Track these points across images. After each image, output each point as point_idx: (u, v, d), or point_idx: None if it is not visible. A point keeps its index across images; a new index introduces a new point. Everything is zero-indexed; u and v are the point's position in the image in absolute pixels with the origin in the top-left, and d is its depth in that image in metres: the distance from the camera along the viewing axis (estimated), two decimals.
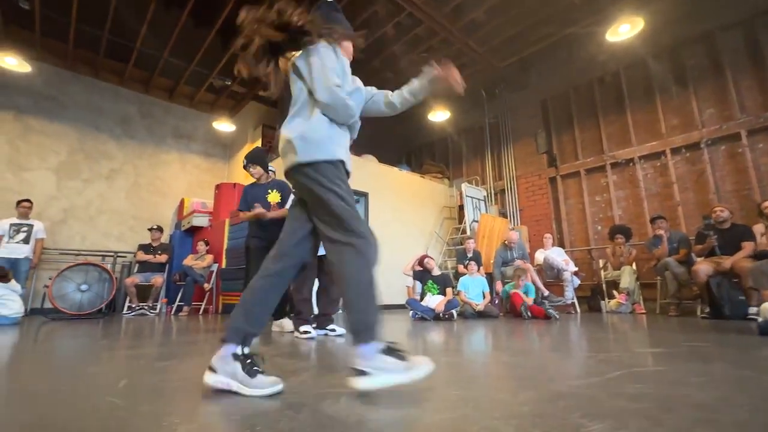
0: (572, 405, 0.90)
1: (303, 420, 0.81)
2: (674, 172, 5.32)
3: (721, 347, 1.83)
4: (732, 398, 0.93)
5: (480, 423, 0.79)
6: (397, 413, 0.88)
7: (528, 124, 6.99)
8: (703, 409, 0.85)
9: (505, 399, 0.97)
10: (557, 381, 1.17)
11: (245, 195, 2.99)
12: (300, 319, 2.47)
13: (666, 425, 0.75)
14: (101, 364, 1.58)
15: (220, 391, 1.03)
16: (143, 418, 0.85)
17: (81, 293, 4.65)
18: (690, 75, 5.33)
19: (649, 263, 5.01)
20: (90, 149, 6.60)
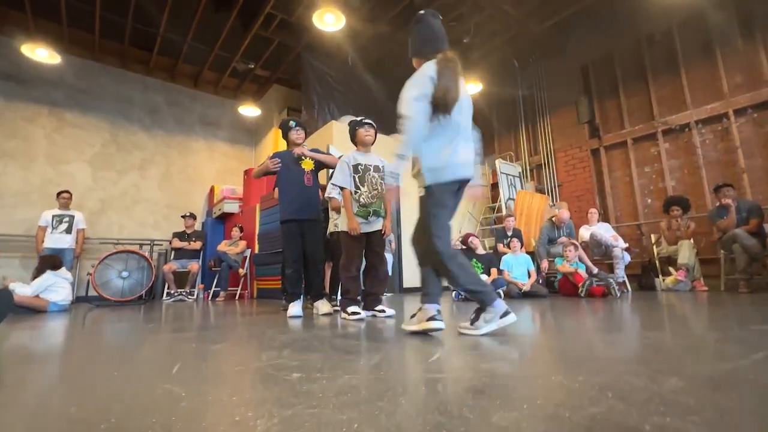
0: (742, 393, 0.69)
1: (401, 413, 0.64)
2: (738, 135, 4.81)
3: None
4: None
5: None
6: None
7: (566, 93, 6.51)
8: None
9: (646, 386, 0.76)
10: (700, 364, 0.96)
11: (274, 158, 2.80)
12: (348, 298, 2.33)
13: None
14: (151, 348, 1.48)
15: (289, 379, 0.88)
16: (210, 408, 0.70)
17: (122, 280, 4.73)
18: (758, 23, 4.74)
19: (709, 237, 4.60)
20: (122, 140, 6.68)
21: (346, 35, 6.02)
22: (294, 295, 2.63)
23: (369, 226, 2.40)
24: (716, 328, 1.58)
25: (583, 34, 6.34)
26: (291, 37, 6.25)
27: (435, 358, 1.10)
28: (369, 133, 2.52)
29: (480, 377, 0.87)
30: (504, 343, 1.32)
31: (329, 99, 6.59)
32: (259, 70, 7.23)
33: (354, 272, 2.36)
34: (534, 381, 0.84)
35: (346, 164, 2.45)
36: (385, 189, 2.48)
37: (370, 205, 2.42)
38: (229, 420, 0.64)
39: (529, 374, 0.90)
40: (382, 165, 2.57)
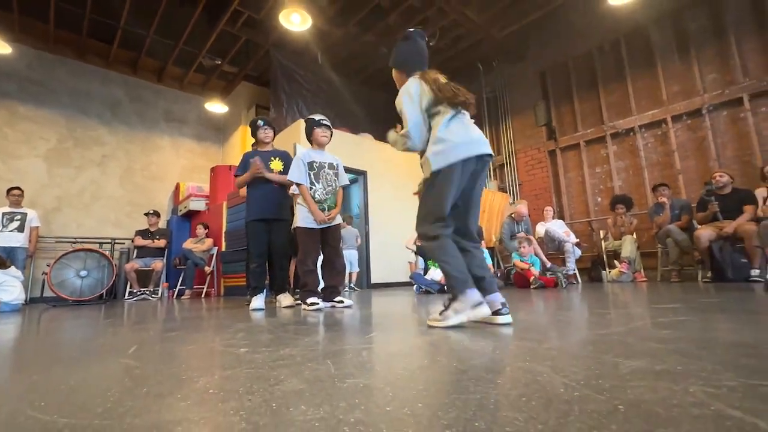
0: (603, 348, 0.88)
1: (324, 370, 0.77)
2: (675, 140, 5.28)
3: (736, 302, 1.82)
4: (765, 337, 0.91)
5: (513, 364, 0.76)
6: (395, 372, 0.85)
7: (527, 96, 6.87)
8: (742, 347, 0.83)
9: (532, 346, 0.94)
10: (582, 331, 1.15)
11: (245, 160, 2.87)
12: (306, 290, 2.44)
13: (705, 360, 0.72)
14: (109, 337, 1.54)
15: (236, 353, 1.00)
16: (162, 374, 0.81)
17: (81, 279, 4.60)
18: (692, 39, 5.22)
19: (649, 232, 5.02)
20: (80, 135, 6.43)
21: (315, 35, 6.09)
22: (257, 289, 2.71)
23: (329, 220, 2.52)
24: (621, 307, 1.82)
25: (541, 42, 6.70)
26: (259, 35, 6.24)
27: (371, 335, 1.25)
28: (325, 134, 2.62)
29: (403, 348, 1.02)
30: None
31: (298, 97, 6.62)
32: (227, 66, 7.16)
33: (311, 266, 2.47)
34: (441, 346, 1.00)
35: (302, 161, 2.54)
36: (337, 187, 2.63)
37: (325, 200, 2.54)
38: (175, 380, 0.75)
39: (437, 341, 1.06)
40: (336, 163, 2.68)
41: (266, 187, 2.79)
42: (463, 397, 0.57)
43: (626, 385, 0.59)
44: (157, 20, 5.73)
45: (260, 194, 2.78)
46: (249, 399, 0.61)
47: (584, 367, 0.72)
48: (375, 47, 6.72)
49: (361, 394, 0.61)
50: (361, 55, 6.95)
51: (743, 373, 0.62)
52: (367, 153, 6.17)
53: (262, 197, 2.77)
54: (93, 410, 0.59)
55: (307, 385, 0.67)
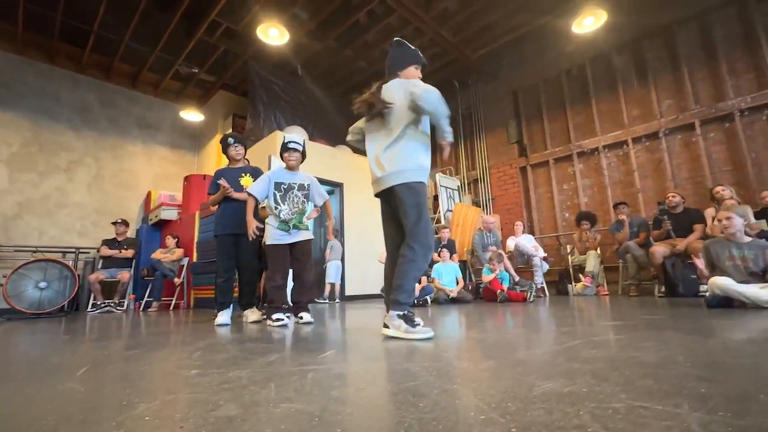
0: (529, 369, 0.95)
1: (264, 394, 0.81)
2: (635, 160, 5.58)
3: (673, 319, 1.96)
4: (675, 358, 1.01)
5: (441, 387, 0.82)
6: (357, 388, 0.90)
7: (500, 114, 7.12)
8: (648, 367, 0.92)
9: (467, 367, 1.00)
10: (520, 351, 1.23)
11: (216, 178, 2.89)
12: (272, 307, 2.45)
13: (611, 380, 0.81)
14: (63, 356, 1.52)
15: (186, 374, 1.02)
16: (104, 398, 0.83)
17: (40, 291, 4.41)
18: (650, 67, 5.58)
19: (612, 247, 5.25)
20: (46, 140, 6.22)
21: (293, 48, 6.15)
22: (223, 304, 2.70)
23: (291, 237, 2.55)
24: (568, 324, 1.93)
25: (514, 63, 7.00)
26: (237, 45, 6.25)
27: (325, 355, 1.29)
28: (291, 158, 2.65)
29: (349, 370, 1.07)
30: (395, 342, 1.54)
31: (276, 108, 6.64)
32: (204, 75, 7.11)
33: (278, 281, 2.48)
34: (383, 368, 1.06)
35: (269, 178, 2.57)
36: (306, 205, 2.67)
37: (290, 220, 2.58)
38: (116, 406, 0.78)
39: (383, 362, 1.11)
40: (307, 183, 2.72)
41: (235, 203, 2.80)
42: (380, 423, 0.62)
43: (529, 407, 0.66)
44: (134, 26, 5.65)
45: (229, 209, 2.79)
46: (181, 426, 0.64)
47: (503, 389, 0.79)
48: (354, 62, 6.85)
49: (289, 420, 0.65)
50: (340, 68, 7.06)
51: (633, 394, 0.71)
52: (344, 165, 6.24)
53: (231, 212, 2.78)
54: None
55: (242, 411, 0.71)
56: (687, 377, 0.81)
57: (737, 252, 2.52)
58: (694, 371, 0.86)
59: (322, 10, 5.51)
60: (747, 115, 4.80)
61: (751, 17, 4.83)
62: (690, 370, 0.87)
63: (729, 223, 2.56)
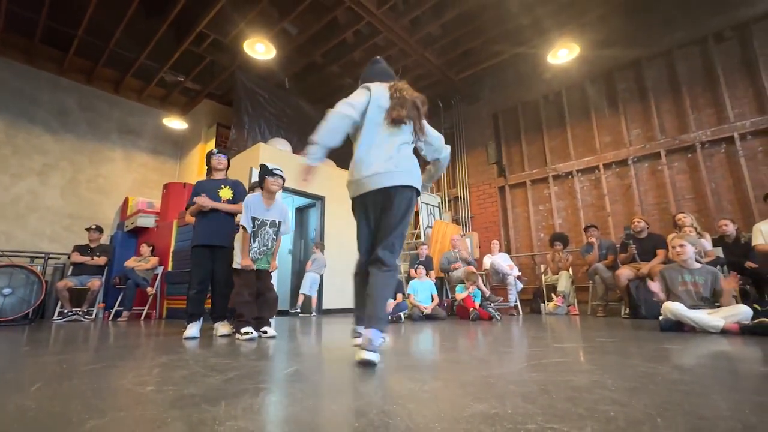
0: (469, 391, 1.02)
1: (213, 412, 0.85)
2: (606, 185, 5.84)
3: (624, 342, 2.07)
4: (604, 382, 1.10)
5: (382, 407, 0.87)
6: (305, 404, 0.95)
7: (481, 135, 7.35)
8: (576, 390, 1.00)
9: (413, 388, 1.06)
10: (468, 372, 1.30)
11: (196, 189, 2.90)
12: (241, 321, 2.48)
13: (536, 403, 0.88)
14: (19, 370, 1.50)
15: (141, 391, 1.04)
16: (54, 417, 0.85)
17: (3, 297, 4.26)
18: (620, 98, 5.90)
19: (583, 268, 5.43)
20: (21, 142, 6.08)
21: (280, 62, 6.24)
22: (194, 316, 2.69)
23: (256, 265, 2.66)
24: (527, 345, 2.01)
25: (495, 86, 7.27)
26: (224, 56, 6.31)
27: (285, 372, 1.33)
28: (276, 183, 2.72)
29: (300, 388, 1.11)
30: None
31: (261, 119, 6.68)
32: (190, 83, 7.13)
33: (246, 297, 2.52)
34: (334, 388, 1.11)
35: (249, 209, 2.64)
36: (275, 245, 2.74)
37: (257, 261, 2.67)
38: (64, 424, 0.80)
39: (337, 380, 1.16)
40: (279, 221, 2.77)
41: (213, 214, 2.82)
42: None
43: (454, 428, 0.73)
44: (120, 32, 5.65)
45: (207, 221, 2.81)
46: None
47: (438, 410, 0.85)
48: (340, 77, 6.98)
49: None
50: (326, 83, 7.18)
51: (548, 417, 0.78)
52: (327, 178, 6.28)
53: (207, 223, 2.80)
54: None
55: (187, 429, 0.75)
56: (604, 401, 0.89)
57: (689, 278, 2.68)
58: (613, 395, 0.94)
59: (310, 27, 5.64)
60: (707, 147, 5.11)
61: (711, 56, 5.19)
62: (611, 394, 0.95)
63: (681, 250, 2.73)
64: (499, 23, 5.63)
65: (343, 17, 5.61)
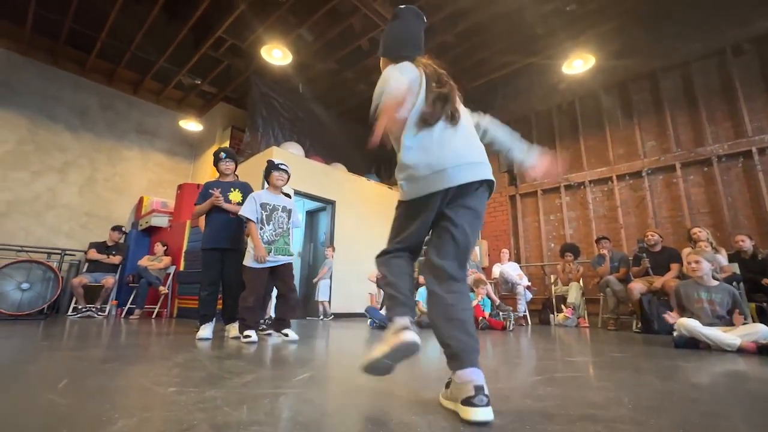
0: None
1: (236, 416, 0.87)
2: (619, 196, 5.78)
3: (637, 358, 2.05)
4: (621, 399, 1.09)
5: (400, 419, 0.89)
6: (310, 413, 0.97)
7: None
8: (592, 407, 1.00)
9: (429, 398, 1.07)
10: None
11: (205, 190, 2.96)
12: (244, 324, 2.53)
13: (555, 420, 0.89)
14: (44, 365, 1.55)
15: (163, 392, 1.08)
16: (85, 414, 0.88)
17: (21, 292, 4.37)
18: (635, 109, 5.85)
19: (594, 280, 5.38)
20: (42, 140, 6.25)
21: (296, 67, 6.33)
22: (206, 317, 2.73)
23: (274, 261, 2.63)
24: (539, 358, 2.00)
25: (508, 94, 7.26)
26: (241, 61, 6.42)
27: (300, 378, 1.35)
28: (281, 178, 2.78)
29: (318, 395, 1.13)
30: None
31: (274, 123, 6.78)
32: (206, 86, 7.25)
33: (251, 303, 2.54)
34: (348, 394, 1.12)
35: (254, 200, 2.67)
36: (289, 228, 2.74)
37: (274, 242, 2.67)
38: (96, 422, 0.83)
39: (350, 386, 1.18)
40: (290, 207, 2.81)
41: (223, 217, 2.86)
42: None
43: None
44: (141, 35, 5.79)
45: (217, 223, 2.85)
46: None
47: (450, 418, 0.86)
48: (354, 83, 7.05)
49: None
50: (339, 89, 7.25)
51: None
52: (338, 183, 6.34)
53: (218, 226, 2.84)
54: None
55: (214, 431, 0.77)
56: (622, 419, 0.90)
57: (705, 295, 2.64)
58: (630, 413, 0.94)
59: (326, 34, 5.72)
60: (724, 161, 5.03)
61: (729, 70, 5.13)
62: (628, 413, 0.95)
63: (697, 266, 2.69)
64: (513, 33, 5.64)
65: (359, 25, 5.67)
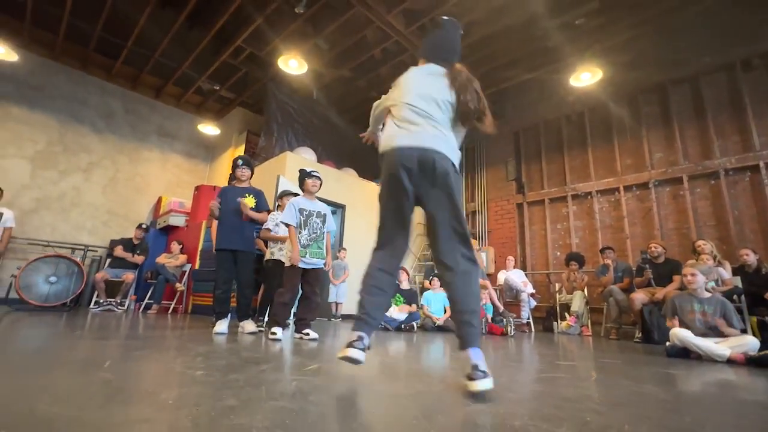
0: (467, 398, 1.17)
1: (256, 393, 1.04)
2: (625, 207, 5.84)
3: (626, 364, 2.16)
4: (593, 396, 1.23)
5: (347, 410, 1.04)
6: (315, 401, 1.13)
7: (501, 151, 7.45)
8: (565, 401, 1.14)
9: (421, 389, 1.23)
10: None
11: (221, 195, 3.16)
12: (274, 320, 2.71)
13: (527, 406, 1.03)
14: (85, 351, 1.75)
15: (193, 375, 1.25)
16: (133, 388, 1.06)
17: (49, 285, 4.65)
18: (644, 121, 5.91)
19: (598, 289, 5.44)
20: (69, 141, 6.59)
21: (310, 75, 6.56)
22: (221, 314, 2.92)
23: (307, 264, 2.81)
24: (531, 362, 2.13)
25: (518, 104, 7.37)
26: (258, 69, 6.68)
27: (310, 368, 1.51)
28: (315, 184, 2.99)
29: (324, 381, 1.29)
30: (381, 359, 1.76)
31: (289, 128, 7.01)
32: (225, 92, 7.54)
33: (287, 300, 2.74)
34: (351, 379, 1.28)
35: (294, 206, 2.86)
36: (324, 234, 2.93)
37: (308, 246, 2.85)
38: (144, 393, 1.01)
39: (349, 378, 1.33)
40: (324, 212, 2.99)
41: (236, 220, 3.06)
42: (342, 420, 0.85)
43: (453, 419, 0.89)
44: (165, 43, 6.07)
45: (230, 226, 3.05)
46: (196, 408, 0.87)
47: (442, 405, 1.01)
48: (366, 91, 7.25)
49: (275, 412, 0.88)
50: (352, 96, 7.46)
51: (534, 418, 0.93)
52: (348, 188, 6.53)
53: (230, 229, 3.04)
54: (92, 405, 0.85)
55: (240, 404, 0.94)
56: (587, 410, 1.03)
57: (698, 306, 2.73)
58: (596, 406, 1.08)
59: (341, 44, 5.94)
60: (731, 174, 5.07)
61: (738, 84, 5.17)
62: (594, 406, 1.09)
63: (692, 279, 2.78)
64: (523, 45, 5.77)
65: (373, 35, 5.87)
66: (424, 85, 1.52)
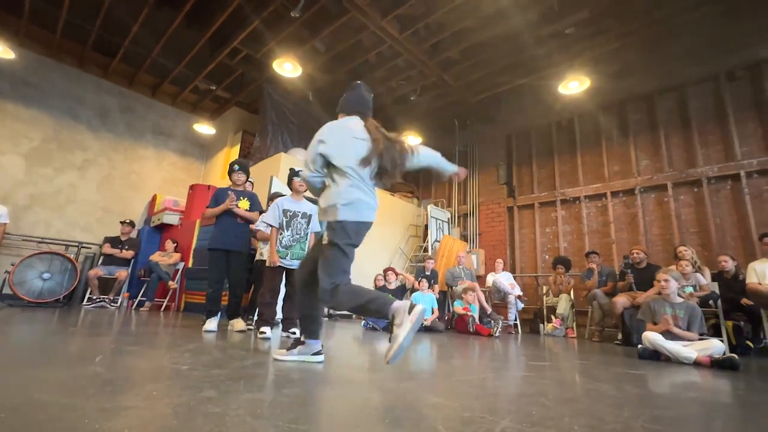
0: (432, 389, 1.27)
1: (235, 386, 1.13)
2: (612, 212, 5.97)
3: (595, 365, 2.27)
4: (548, 392, 1.33)
5: (344, 395, 1.14)
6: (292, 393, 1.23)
7: (493, 155, 7.57)
8: (521, 396, 1.24)
9: (393, 387, 1.32)
10: (439, 377, 1.55)
11: (217, 196, 3.26)
12: (262, 320, 2.79)
13: (481, 400, 1.13)
14: (77, 346, 1.83)
15: (179, 369, 1.34)
16: (121, 380, 1.15)
17: (43, 281, 4.70)
18: (631, 128, 6.05)
19: (583, 293, 5.56)
20: (65, 138, 6.63)
21: (306, 78, 6.64)
22: (212, 312, 3.01)
23: (288, 263, 2.89)
24: (506, 361, 2.23)
25: (510, 109, 7.49)
26: (254, 70, 6.75)
27: (287, 366, 1.61)
28: (302, 184, 3.02)
29: (300, 375, 1.39)
30: (348, 353, 1.85)
31: (284, 129, 7.09)
32: (220, 92, 7.59)
33: (268, 299, 2.81)
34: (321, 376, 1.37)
35: (278, 206, 2.93)
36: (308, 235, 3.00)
37: (290, 247, 2.92)
38: (131, 384, 1.09)
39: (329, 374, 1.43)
40: (311, 213, 3.07)
41: (230, 221, 3.15)
42: (309, 409, 0.95)
43: (411, 412, 0.99)
44: (162, 42, 6.13)
45: (224, 226, 3.14)
46: (178, 398, 0.96)
47: (406, 400, 1.11)
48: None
49: (248, 402, 0.98)
50: None
51: (484, 410, 1.03)
52: None
53: (225, 229, 3.13)
54: (83, 395, 0.94)
55: (218, 395, 1.03)
56: (535, 404, 1.14)
57: (670, 310, 2.85)
58: (546, 401, 1.18)
59: (336, 47, 6.03)
60: (714, 182, 5.21)
61: (722, 95, 5.31)
62: (544, 401, 1.19)
63: (666, 284, 2.90)
64: (514, 53, 5.89)
65: (368, 40, 5.96)
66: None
